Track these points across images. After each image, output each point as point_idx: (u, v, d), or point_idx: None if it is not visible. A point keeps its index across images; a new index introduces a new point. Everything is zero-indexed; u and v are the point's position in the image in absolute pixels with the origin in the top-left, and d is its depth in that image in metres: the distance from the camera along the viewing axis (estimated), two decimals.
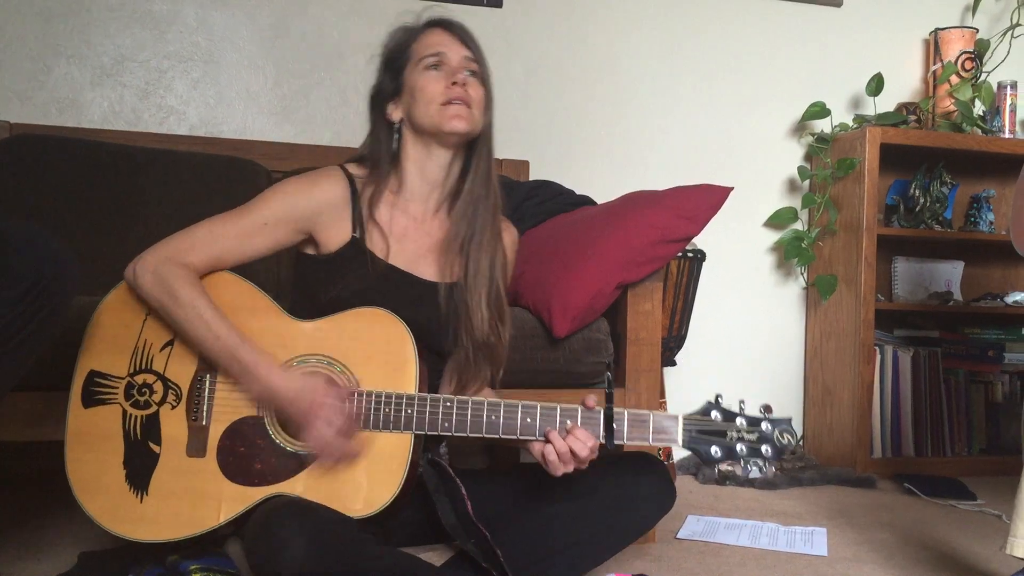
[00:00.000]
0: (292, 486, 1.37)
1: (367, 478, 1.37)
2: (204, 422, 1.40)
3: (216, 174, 2.29)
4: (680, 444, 1.35)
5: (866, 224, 2.77)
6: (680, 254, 2.47)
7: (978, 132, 2.94)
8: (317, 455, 1.36)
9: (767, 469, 1.37)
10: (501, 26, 2.76)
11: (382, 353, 1.41)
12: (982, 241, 3.02)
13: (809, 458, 2.81)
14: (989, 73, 3.04)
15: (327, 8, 2.65)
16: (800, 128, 3.03)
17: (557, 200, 2.28)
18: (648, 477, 1.52)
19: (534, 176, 2.67)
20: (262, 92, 2.61)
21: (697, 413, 1.37)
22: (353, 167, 1.55)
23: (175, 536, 1.37)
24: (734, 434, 1.35)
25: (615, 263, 1.97)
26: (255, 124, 2.60)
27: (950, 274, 3.11)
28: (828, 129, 2.95)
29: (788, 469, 2.65)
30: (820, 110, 2.92)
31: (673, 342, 2.58)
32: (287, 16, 2.62)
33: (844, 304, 2.84)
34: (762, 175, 3.01)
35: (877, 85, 2.90)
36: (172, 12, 2.54)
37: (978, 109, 3.00)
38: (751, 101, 2.99)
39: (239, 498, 1.37)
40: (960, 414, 2.95)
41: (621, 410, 1.37)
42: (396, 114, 1.54)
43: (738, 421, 1.35)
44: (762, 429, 1.35)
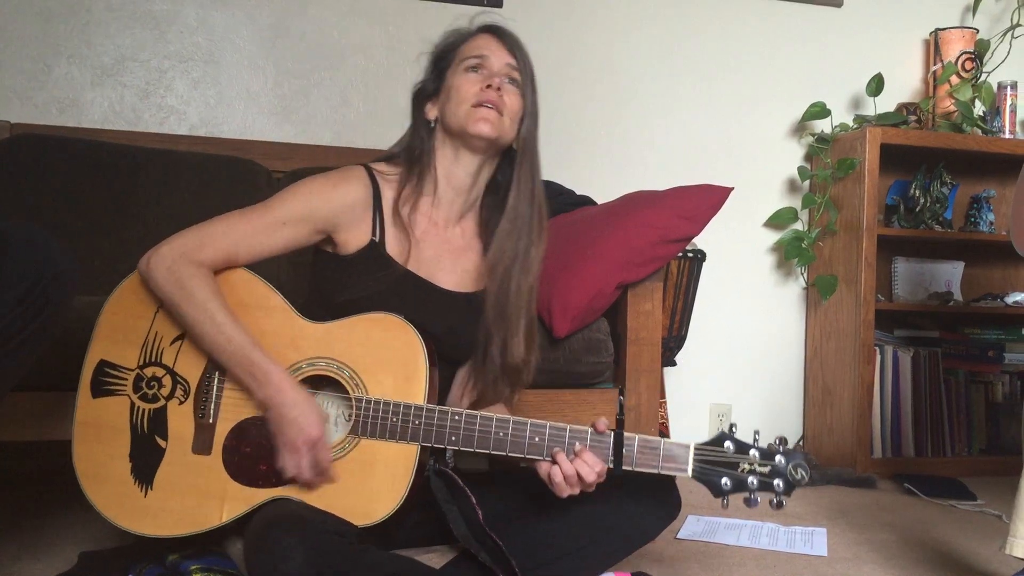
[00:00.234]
0: (295, 490, 1.36)
1: (371, 487, 1.36)
2: (211, 420, 1.40)
3: (216, 174, 2.30)
4: (689, 474, 1.32)
5: (866, 224, 2.76)
6: (680, 254, 2.47)
7: (978, 132, 2.94)
8: (281, 466, 1.35)
9: (776, 502, 1.33)
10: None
11: (393, 361, 1.39)
12: (982, 241, 3.02)
13: (809, 458, 2.81)
14: (989, 73, 3.04)
15: (327, 8, 2.65)
16: (800, 128, 3.03)
17: (557, 200, 2.28)
18: (654, 484, 1.50)
19: None
20: (262, 92, 2.61)
21: (710, 442, 1.33)
22: (382, 165, 1.54)
23: (177, 532, 1.37)
24: (746, 466, 1.31)
25: (615, 263, 1.98)
26: (255, 124, 2.60)
27: (950, 274, 3.10)
28: (828, 129, 2.95)
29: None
30: (820, 110, 2.92)
31: (673, 342, 2.58)
32: (287, 16, 2.62)
33: (844, 304, 2.84)
34: (762, 175, 3.01)
35: (877, 85, 2.90)
36: (172, 12, 2.54)
37: (978, 109, 3.00)
38: (751, 101, 2.99)
39: (242, 498, 1.37)
40: (960, 414, 2.95)
41: (632, 436, 1.34)
42: (432, 113, 1.53)
43: (751, 453, 1.32)
44: (775, 462, 1.32)
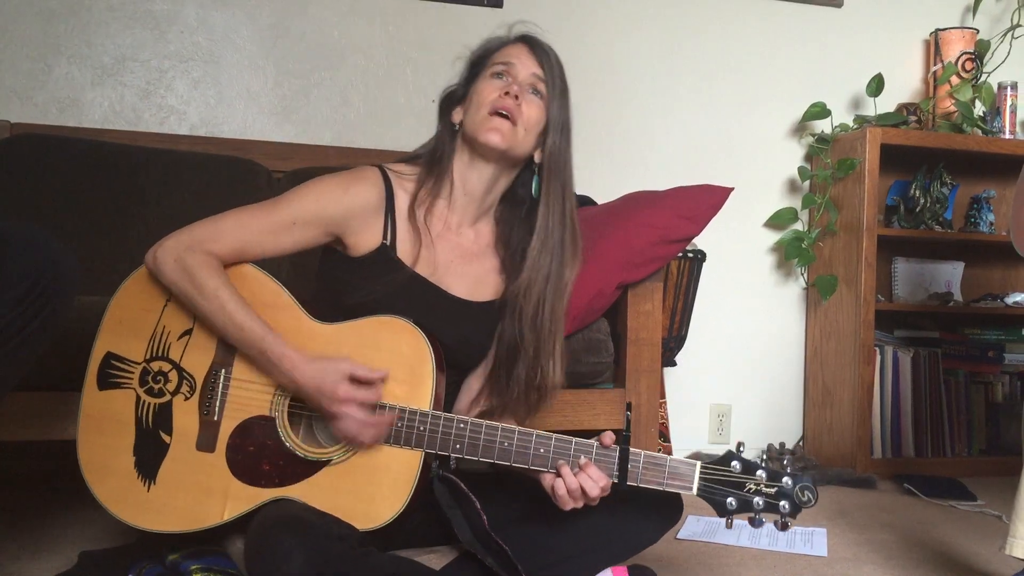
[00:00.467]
0: (298, 491, 1.36)
1: (374, 491, 1.35)
2: (216, 417, 1.39)
3: (216, 174, 2.30)
4: (695, 492, 1.32)
5: (866, 225, 2.76)
6: (680, 254, 2.47)
7: (978, 133, 2.94)
8: (346, 440, 1.36)
9: (781, 523, 1.32)
10: (501, 26, 2.75)
11: (400, 366, 1.38)
12: (982, 242, 3.02)
13: (809, 458, 2.81)
14: (989, 74, 3.04)
15: (327, 8, 2.65)
16: (800, 128, 3.03)
17: None
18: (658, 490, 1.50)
19: None
20: (262, 92, 2.61)
21: (717, 461, 1.32)
22: (401, 165, 1.53)
23: (179, 528, 1.37)
24: (752, 486, 1.30)
25: (615, 263, 1.98)
26: (255, 124, 2.60)
27: (950, 275, 3.10)
28: (828, 129, 2.95)
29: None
30: (820, 110, 2.92)
31: (673, 342, 2.58)
32: (287, 16, 2.62)
33: (844, 304, 2.84)
34: (762, 175, 3.01)
35: (877, 85, 2.90)
36: (173, 12, 2.54)
37: (978, 110, 3.00)
38: (751, 101, 2.99)
39: (245, 497, 1.36)
40: (960, 415, 2.95)
41: (638, 452, 1.34)
42: (457, 116, 1.52)
43: (758, 473, 1.30)
44: (782, 484, 1.30)
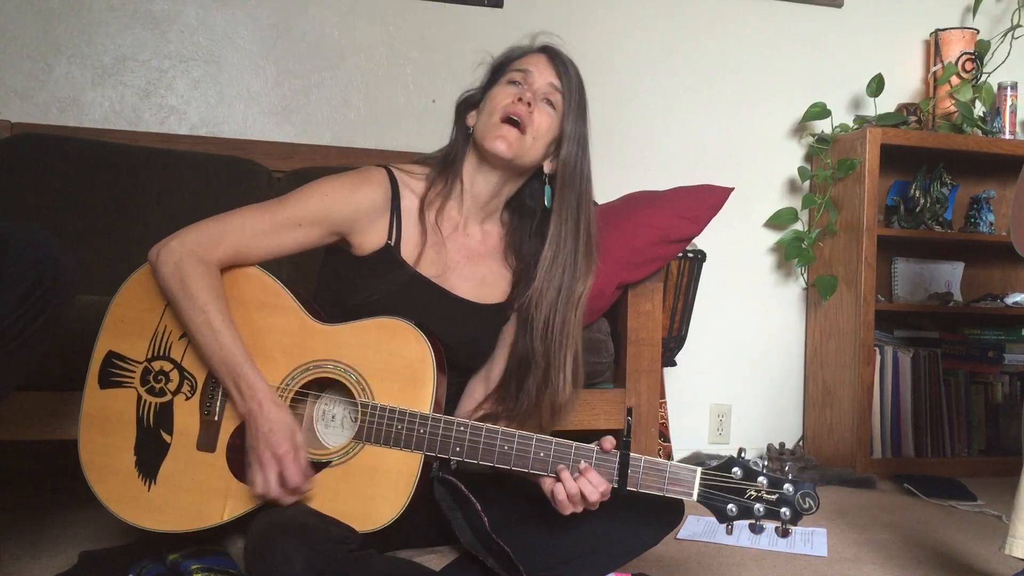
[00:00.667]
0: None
1: (374, 493, 1.35)
2: (216, 417, 1.39)
3: (217, 174, 2.30)
4: (695, 498, 1.31)
5: (866, 225, 2.76)
6: (680, 254, 2.47)
7: (978, 133, 2.94)
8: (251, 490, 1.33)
9: (782, 530, 1.31)
10: (501, 26, 2.76)
11: (401, 368, 1.38)
12: (982, 242, 3.02)
13: (809, 459, 2.81)
14: (989, 74, 3.04)
15: (327, 8, 2.65)
16: (800, 128, 3.03)
17: None
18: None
19: None
20: (263, 92, 2.61)
21: (718, 467, 1.31)
22: (411, 166, 1.54)
23: (179, 528, 1.37)
24: (753, 492, 1.29)
25: (615, 263, 1.98)
26: (256, 124, 2.60)
27: (950, 275, 3.11)
28: (828, 130, 2.95)
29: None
30: (820, 111, 2.92)
31: (673, 342, 2.58)
32: (288, 16, 2.62)
33: (844, 305, 2.84)
34: (762, 175, 3.01)
35: (877, 86, 2.90)
36: (173, 12, 2.54)
37: (978, 110, 3.00)
38: (751, 101, 2.99)
39: (245, 497, 1.36)
40: (960, 415, 2.95)
41: (639, 457, 1.33)
42: (471, 120, 1.52)
43: (759, 480, 1.29)
44: (783, 491, 1.29)
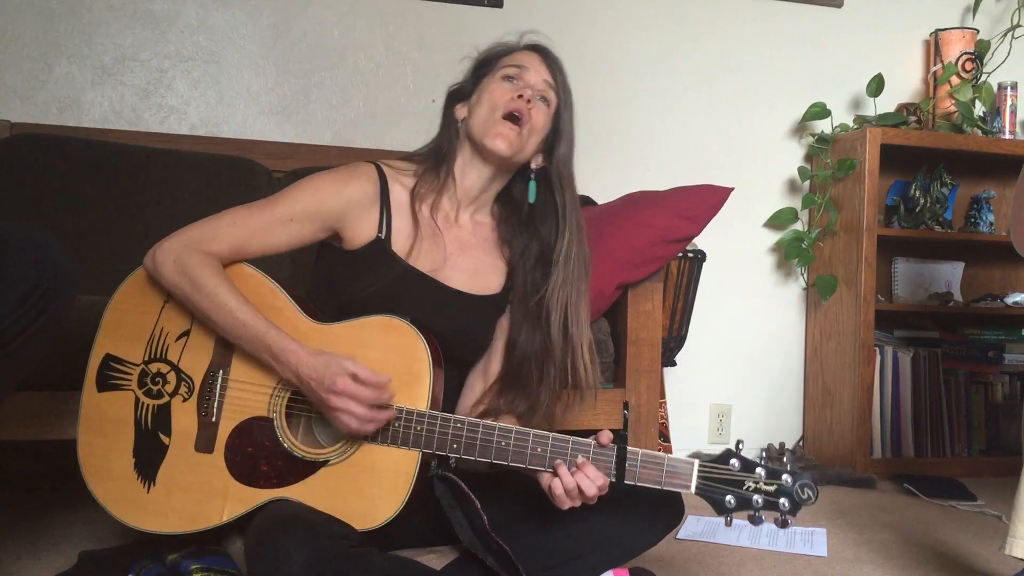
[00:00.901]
0: (297, 491, 1.36)
1: (372, 491, 1.35)
2: (214, 418, 1.40)
3: (216, 174, 2.30)
4: (693, 491, 1.31)
5: (866, 225, 2.76)
6: (680, 254, 2.47)
7: (978, 133, 2.94)
8: (346, 434, 1.35)
9: (781, 521, 1.31)
10: (501, 26, 2.74)
11: (396, 366, 1.38)
12: (982, 242, 3.02)
13: (809, 458, 2.81)
14: (989, 74, 3.04)
15: (327, 8, 2.65)
16: (800, 128, 3.03)
17: None
18: (658, 491, 1.50)
19: None
20: (263, 92, 2.61)
21: (715, 459, 1.31)
22: (399, 162, 1.56)
23: (178, 530, 1.37)
24: (752, 484, 1.29)
25: (615, 263, 1.98)
26: (255, 124, 2.60)
27: (950, 275, 3.11)
28: (828, 130, 2.95)
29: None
30: (820, 111, 2.92)
31: (673, 342, 2.58)
32: (288, 16, 2.62)
33: (844, 305, 2.84)
34: (762, 175, 3.01)
35: (877, 86, 2.90)
36: (173, 12, 2.54)
37: (978, 110, 3.00)
38: (751, 101, 2.99)
39: (244, 498, 1.37)
40: (960, 415, 2.95)
41: (636, 451, 1.33)
42: (462, 113, 1.55)
43: (757, 471, 1.29)
44: (782, 481, 1.28)
